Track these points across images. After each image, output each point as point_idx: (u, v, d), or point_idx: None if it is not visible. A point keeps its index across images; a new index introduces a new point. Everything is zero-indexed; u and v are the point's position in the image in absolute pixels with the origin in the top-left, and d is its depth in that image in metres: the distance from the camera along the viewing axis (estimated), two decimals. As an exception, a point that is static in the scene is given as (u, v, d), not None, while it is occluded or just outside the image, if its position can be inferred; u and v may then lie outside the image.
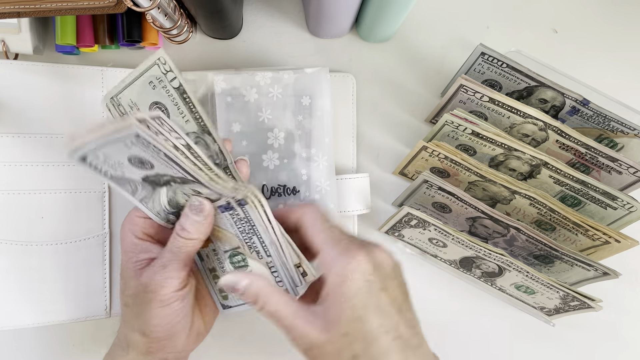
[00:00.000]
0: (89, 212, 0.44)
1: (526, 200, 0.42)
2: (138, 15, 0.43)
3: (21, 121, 0.43)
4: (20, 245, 0.43)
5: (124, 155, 0.31)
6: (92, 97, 0.44)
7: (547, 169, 0.42)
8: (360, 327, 0.28)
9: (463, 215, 0.44)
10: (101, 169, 0.31)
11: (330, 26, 0.46)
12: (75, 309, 0.44)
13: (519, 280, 0.43)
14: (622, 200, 0.41)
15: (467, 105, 0.43)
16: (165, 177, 0.34)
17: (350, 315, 0.28)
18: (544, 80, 0.42)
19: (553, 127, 0.41)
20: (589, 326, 0.49)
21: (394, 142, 0.49)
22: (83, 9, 0.34)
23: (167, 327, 0.35)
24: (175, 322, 0.35)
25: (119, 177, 0.33)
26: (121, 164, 0.32)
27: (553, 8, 0.51)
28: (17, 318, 0.43)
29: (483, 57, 0.42)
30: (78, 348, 0.46)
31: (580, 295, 0.40)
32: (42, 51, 0.45)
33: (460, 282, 0.48)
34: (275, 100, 0.44)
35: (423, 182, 0.42)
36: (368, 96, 0.49)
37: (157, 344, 0.35)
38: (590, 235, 0.42)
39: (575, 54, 0.51)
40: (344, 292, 0.29)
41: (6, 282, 0.42)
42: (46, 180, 0.43)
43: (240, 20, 0.47)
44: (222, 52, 0.48)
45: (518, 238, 0.42)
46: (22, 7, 0.34)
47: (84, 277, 0.44)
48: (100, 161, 0.31)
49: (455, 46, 0.49)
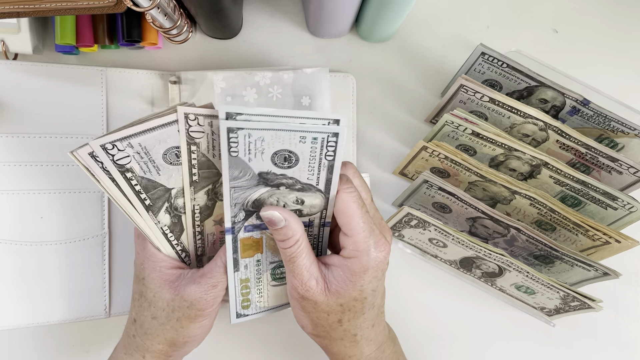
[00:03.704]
0: (89, 212, 0.44)
1: (526, 201, 0.42)
2: (138, 15, 0.43)
3: (21, 121, 0.43)
4: (19, 245, 0.42)
5: (278, 147, 0.31)
6: (91, 97, 0.44)
7: (548, 169, 0.42)
8: (355, 305, 0.34)
9: (463, 216, 0.44)
10: (245, 145, 0.31)
11: (330, 26, 0.46)
12: (75, 309, 0.44)
13: (519, 280, 0.43)
14: (623, 201, 0.41)
15: (467, 105, 0.43)
16: (286, 180, 0.33)
17: (354, 295, 0.33)
18: (544, 80, 0.42)
19: (553, 127, 0.41)
20: (589, 326, 0.49)
21: (394, 142, 0.49)
22: (82, 9, 0.34)
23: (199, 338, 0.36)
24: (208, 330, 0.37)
25: (243, 160, 0.32)
26: (263, 151, 0.31)
27: (553, 8, 0.51)
28: (16, 318, 0.43)
29: (483, 57, 0.42)
30: (77, 348, 0.46)
31: (581, 296, 0.40)
32: (41, 51, 0.45)
33: (460, 282, 0.48)
34: (275, 101, 0.44)
35: (423, 182, 0.42)
36: (368, 96, 0.49)
37: (181, 350, 0.36)
38: (590, 235, 0.42)
39: (575, 53, 0.51)
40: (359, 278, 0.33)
41: (6, 282, 0.42)
42: (46, 180, 0.43)
43: (240, 20, 0.47)
44: (222, 52, 0.48)
45: (518, 238, 0.42)
46: (21, 7, 0.34)
47: (84, 277, 0.44)
48: (250, 139, 0.30)
49: (455, 46, 0.49)
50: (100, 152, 0.31)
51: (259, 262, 0.37)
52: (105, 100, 0.44)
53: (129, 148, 0.32)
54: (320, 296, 0.33)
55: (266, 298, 0.38)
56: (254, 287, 0.37)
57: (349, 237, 0.33)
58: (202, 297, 0.35)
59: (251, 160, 0.32)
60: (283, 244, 0.34)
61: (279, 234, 0.33)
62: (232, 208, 0.35)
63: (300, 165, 0.32)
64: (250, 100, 0.44)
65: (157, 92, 0.45)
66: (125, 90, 0.45)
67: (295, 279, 0.33)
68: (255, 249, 0.37)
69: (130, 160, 0.32)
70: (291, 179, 0.33)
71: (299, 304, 0.35)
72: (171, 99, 0.45)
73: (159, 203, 0.34)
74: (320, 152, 0.32)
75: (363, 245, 0.33)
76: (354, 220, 0.33)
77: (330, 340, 0.35)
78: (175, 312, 0.35)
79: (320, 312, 0.34)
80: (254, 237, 0.36)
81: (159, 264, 0.36)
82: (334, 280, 0.33)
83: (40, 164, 0.43)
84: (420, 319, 0.49)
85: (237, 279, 0.37)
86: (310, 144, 0.31)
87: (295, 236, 0.33)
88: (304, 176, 0.33)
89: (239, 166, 0.32)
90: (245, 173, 0.33)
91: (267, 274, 0.37)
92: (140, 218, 0.34)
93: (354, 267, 0.33)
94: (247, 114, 0.30)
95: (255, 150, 0.31)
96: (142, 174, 0.33)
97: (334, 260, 0.34)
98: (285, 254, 0.34)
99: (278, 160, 0.32)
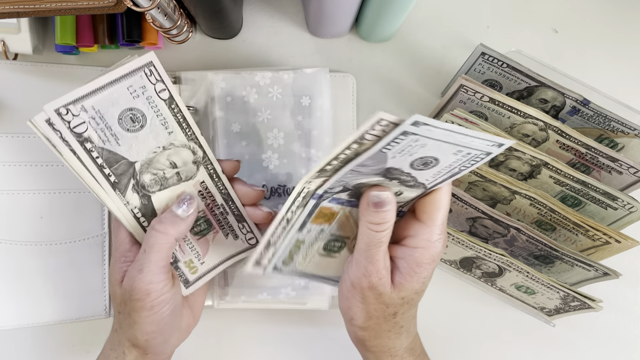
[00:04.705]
0: (89, 212, 0.44)
1: (526, 201, 0.42)
2: (138, 15, 0.43)
3: (21, 121, 0.43)
4: (20, 245, 0.42)
5: (432, 154, 0.31)
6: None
7: (548, 169, 0.42)
8: (414, 298, 0.34)
9: (463, 216, 0.44)
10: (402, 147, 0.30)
11: (330, 26, 0.46)
12: (75, 309, 0.44)
13: (519, 280, 0.43)
14: (623, 201, 0.41)
15: (467, 105, 0.43)
16: (404, 177, 0.33)
17: (417, 288, 0.34)
18: (544, 80, 0.42)
19: (553, 127, 0.41)
20: (589, 326, 0.49)
21: (394, 142, 0.49)
22: (82, 9, 0.34)
23: (161, 332, 0.34)
24: (168, 325, 0.35)
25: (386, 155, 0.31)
26: (413, 154, 0.30)
27: (553, 8, 0.51)
28: (16, 318, 0.43)
29: (483, 57, 0.42)
30: (77, 348, 0.46)
31: (581, 296, 0.40)
32: (41, 51, 0.45)
33: (460, 282, 0.48)
34: (274, 101, 0.44)
35: (423, 182, 0.42)
36: (368, 96, 0.49)
37: (154, 349, 0.35)
38: (590, 235, 0.42)
39: (575, 53, 0.50)
40: (424, 270, 0.33)
41: (6, 282, 0.42)
42: (46, 180, 0.43)
43: (240, 20, 0.47)
44: (221, 52, 0.48)
45: (518, 238, 0.42)
46: (21, 7, 0.34)
47: (84, 277, 0.44)
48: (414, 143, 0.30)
49: (455, 46, 0.49)
50: (56, 118, 0.30)
51: (322, 230, 0.36)
52: (105, 100, 0.44)
53: (83, 112, 0.31)
54: (387, 288, 0.33)
55: (308, 263, 0.37)
56: (303, 250, 0.37)
57: (428, 227, 0.33)
58: (134, 286, 0.33)
59: (394, 157, 0.31)
60: (376, 227, 0.33)
61: (377, 217, 0.32)
62: (336, 182, 0.33)
63: (432, 170, 0.31)
64: (250, 100, 0.44)
65: (157, 92, 0.45)
66: (125, 90, 0.45)
67: (372, 266, 0.33)
68: (327, 220, 0.36)
69: (87, 127, 0.31)
70: (412, 178, 0.32)
71: (360, 294, 0.34)
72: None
73: (124, 180, 0.34)
74: (462, 164, 0.31)
75: (437, 236, 0.33)
76: (441, 212, 0.33)
77: (377, 333, 0.35)
78: (126, 306, 0.34)
79: (381, 303, 0.34)
80: (333, 209, 0.35)
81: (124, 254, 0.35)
82: (398, 272, 0.33)
83: (40, 164, 0.43)
84: (420, 319, 0.48)
85: (295, 238, 0.36)
86: (461, 156, 0.31)
87: (390, 222, 0.33)
88: (425, 177, 0.32)
89: (376, 158, 0.31)
90: (377, 164, 0.32)
91: (321, 243, 0.37)
92: (108, 197, 0.33)
93: (421, 258, 0.33)
94: (432, 126, 0.29)
95: (406, 152, 0.30)
96: (101, 144, 0.32)
97: (396, 252, 0.34)
98: (373, 238, 0.33)
99: (417, 163, 0.31)
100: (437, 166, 0.31)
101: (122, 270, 0.35)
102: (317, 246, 0.37)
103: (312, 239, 0.37)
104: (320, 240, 0.37)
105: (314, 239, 0.37)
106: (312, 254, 0.37)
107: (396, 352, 0.35)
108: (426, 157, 0.31)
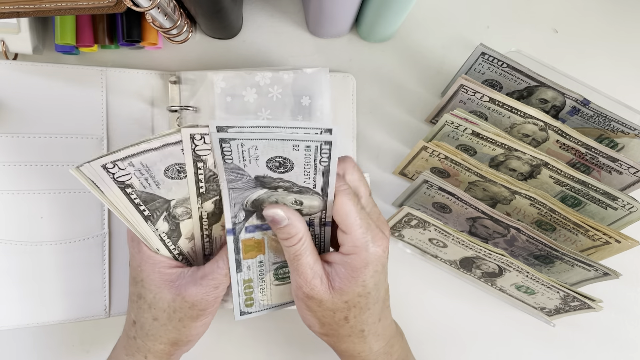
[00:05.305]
0: (89, 212, 0.44)
1: (526, 201, 0.42)
2: (138, 15, 0.43)
3: (21, 121, 0.43)
4: (19, 245, 0.42)
5: (272, 154, 0.31)
6: (91, 97, 0.44)
7: (548, 169, 0.42)
8: (360, 301, 0.34)
9: (463, 216, 0.44)
10: (238, 154, 0.31)
11: (330, 26, 0.46)
12: (75, 309, 0.44)
13: (519, 280, 0.43)
14: (623, 201, 0.41)
15: (467, 105, 0.43)
16: (282, 183, 0.33)
17: (358, 291, 0.34)
18: (545, 80, 0.42)
19: (553, 127, 0.41)
20: (590, 326, 0.49)
21: (394, 142, 0.49)
22: (82, 9, 0.34)
23: (203, 333, 0.37)
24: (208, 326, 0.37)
25: (238, 166, 0.32)
26: (257, 158, 0.31)
27: (553, 8, 0.51)
28: (17, 318, 0.43)
29: (483, 57, 0.42)
30: (77, 348, 0.46)
31: (581, 296, 0.40)
32: (41, 51, 0.45)
33: (460, 282, 0.48)
34: (274, 101, 0.44)
35: (423, 182, 0.42)
36: (368, 96, 0.49)
37: (183, 348, 0.37)
38: (590, 235, 0.42)
39: (575, 53, 0.50)
40: (361, 274, 0.33)
41: (6, 282, 0.42)
42: (46, 180, 0.43)
43: (240, 20, 0.47)
44: (221, 52, 0.48)
45: (518, 238, 0.42)
46: (21, 7, 0.34)
47: (84, 277, 0.44)
48: (243, 148, 0.31)
49: (455, 46, 0.49)
50: (101, 171, 0.31)
51: (261, 262, 0.37)
52: (105, 100, 0.44)
53: (129, 167, 0.32)
54: (325, 294, 0.33)
55: (269, 297, 0.38)
56: (257, 287, 0.38)
57: (347, 234, 0.33)
58: (203, 299, 0.35)
59: (246, 166, 0.32)
60: (287, 242, 0.34)
61: (282, 233, 0.33)
62: (232, 208, 0.35)
63: (295, 170, 0.32)
64: (250, 100, 0.44)
65: (157, 92, 0.45)
66: (125, 90, 0.45)
67: (300, 278, 0.34)
68: (257, 250, 0.37)
69: (130, 177, 0.32)
70: (288, 182, 0.33)
71: (304, 304, 0.35)
72: (171, 98, 0.45)
73: (157, 213, 0.34)
74: (315, 159, 0.32)
75: (361, 241, 0.33)
76: (350, 218, 0.33)
77: (338, 338, 0.35)
78: (177, 313, 0.35)
79: (326, 310, 0.34)
80: (255, 238, 0.36)
81: (158, 266, 0.36)
82: (337, 277, 0.34)
83: (40, 164, 0.43)
84: (420, 319, 0.49)
85: (240, 279, 0.37)
86: (303, 151, 0.31)
87: (298, 234, 0.33)
88: (300, 180, 0.33)
89: (234, 171, 0.32)
90: (241, 176, 0.33)
91: (270, 274, 0.37)
92: (138, 226, 0.34)
93: (354, 263, 0.33)
94: (237, 127, 0.30)
95: (249, 157, 0.31)
96: (142, 188, 0.33)
97: (335, 258, 0.34)
98: (289, 252, 0.34)
99: (273, 165, 0.32)
100: (297, 166, 0.32)
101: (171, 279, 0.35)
102: (268, 278, 0.38)
103: (258, 274, 0.38)
104: (267, 272, 0.37)
105: (261, 273, 0.38)
106: (268, 287, 0.38)
107: (367, 357, 0.36)
108: (274, 158, 0.31)
